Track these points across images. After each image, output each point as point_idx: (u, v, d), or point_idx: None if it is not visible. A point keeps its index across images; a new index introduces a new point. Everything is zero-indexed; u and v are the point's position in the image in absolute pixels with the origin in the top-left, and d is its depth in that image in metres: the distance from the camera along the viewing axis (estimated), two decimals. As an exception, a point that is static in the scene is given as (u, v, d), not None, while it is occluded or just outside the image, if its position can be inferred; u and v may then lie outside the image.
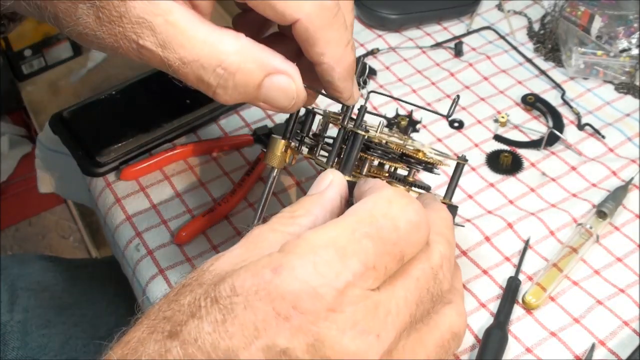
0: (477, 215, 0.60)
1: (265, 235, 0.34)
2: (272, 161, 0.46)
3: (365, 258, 0.31)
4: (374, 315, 0.30)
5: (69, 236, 1.67)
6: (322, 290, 0.29)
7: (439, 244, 0.35)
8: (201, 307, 0.30)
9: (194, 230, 0.58)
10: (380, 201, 0.33)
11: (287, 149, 0.46)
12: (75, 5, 0.36)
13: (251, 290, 0.30)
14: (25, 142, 1.71)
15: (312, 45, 0.37)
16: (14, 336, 0.70)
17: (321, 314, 0.29)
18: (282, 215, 0.35)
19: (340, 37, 0.37)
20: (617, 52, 0.71)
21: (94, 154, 0.63)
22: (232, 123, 0.68)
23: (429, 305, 0.34)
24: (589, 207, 0.60)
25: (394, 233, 0.32)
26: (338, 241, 0.31)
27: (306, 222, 0.35)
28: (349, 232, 0.31)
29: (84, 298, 0.76)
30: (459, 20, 0.81)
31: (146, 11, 0.35)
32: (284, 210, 0.36)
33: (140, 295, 0.57)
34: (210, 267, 0.33)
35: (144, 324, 0.32)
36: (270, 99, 0.38)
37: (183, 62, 0.36)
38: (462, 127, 0.69)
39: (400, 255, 0.32)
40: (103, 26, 0.36)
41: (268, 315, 0.29)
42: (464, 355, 0.51)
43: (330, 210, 0.36)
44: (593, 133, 0.67)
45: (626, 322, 0.53)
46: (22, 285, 0.74)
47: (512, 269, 0.56)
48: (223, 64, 0.36)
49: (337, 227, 0.32)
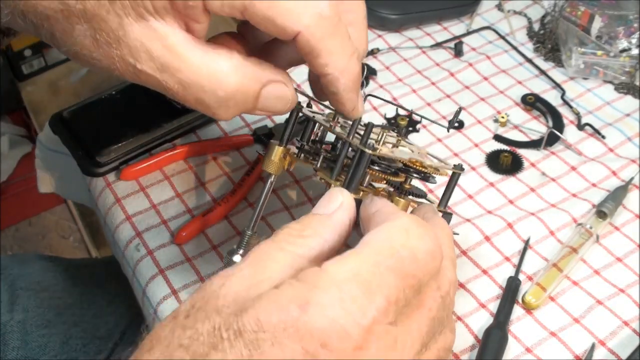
0: (477, 215, 0.60)
1: (274, 254, 0.34)
2: (270, 168, 0.46)
3: (389, 292, 0.31)
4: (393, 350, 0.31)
5: (69, 236, 1.68)
6: (349, 328, 0.30)
7: (447, 269, 0.35)
8: (224, 340, 0.30)
9: (194, 230, 0.58)
10: (397, 231, 0.33)
11: (285, 155, 0.46)
12: (72, 26, 0.36)
13: (279, 327, 0.29)
14: (25, 142, 1.71)
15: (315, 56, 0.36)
16: (14, 336, 0.70)
17: (349, 352, 0.30)
18: (290, 233, 0.35)
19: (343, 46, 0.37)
20: (617, 52, 0.71)
21: (94, 154, 0.63)
22: (232, 123, 0.68)
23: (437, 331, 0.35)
24: (589, 207, 0.60)
25: (414, 264, 0.32)
26: (361, 275, 0.31)
27: (315, 245, 0.34)
28: (371, 265, 0.31)
29: (84, 298, 0.76)
30: (459, 20, 0.81)
31: (144, 36, 0.35)
32: (290, 226, 0.35)
33: (140, 295, 0.57)
34: (222, 288, 0.32)
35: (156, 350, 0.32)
36: (267, 107, 0.39)
37: (182, 85, 0.37)
38: (462, 127, 0.69)
39: (418, 286, 0.33)
40: (100, 48, 0.36)
41: (296, 352, 0.29)
42: (464, 355, 0.51)
43: (339, 233, 0.36)
44: (593, 133, 0.67)
45: (626, 322, 0.53)
46: (22, 285, 0.74)
47: (512, 269, 0.56)
48: (222, 86, 0.37)
49: (358, 259, 0.32)
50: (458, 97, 0.72)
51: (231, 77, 0.37)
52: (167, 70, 0.36)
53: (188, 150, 0.65)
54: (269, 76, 0.38)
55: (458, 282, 0.54)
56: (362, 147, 0.40)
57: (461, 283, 0.55)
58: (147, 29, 0.35)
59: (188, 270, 0.56)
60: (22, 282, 0.74)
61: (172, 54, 0.36)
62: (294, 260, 0.33)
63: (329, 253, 0.35)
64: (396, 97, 0.72)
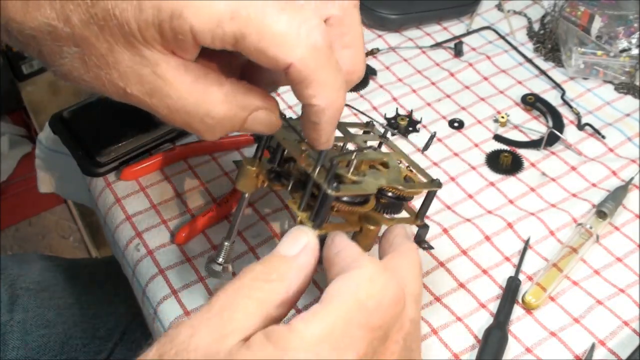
0: (477, 215, 0.60)
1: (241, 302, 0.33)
2: (243, 187, 0.46)
3: (359, 348, 0.31)
4: None
5: (69, 236, 1.68)
6: None
7: (409, 308, 0.36)
8: None
9: (194, 230, 0.58)
10: (362, 282, 0.33)
11: (257, 174, 0.46)
12: (60, 48, 0.36)
13: None
14: (25, 142, 1.71)
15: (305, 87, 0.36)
16: (14, 336, 0.70)
17: None
18: (256, 278, 0.34)
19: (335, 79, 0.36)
20: (617, 52, 0.71)
21: (94, 154, 0.63)
22: (232, 123, 0.68)
23: None
24: (589, 207, 0.60)
25: (380, 315, 0.33)
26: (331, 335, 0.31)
27: (281, 289, 0.34)
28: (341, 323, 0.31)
29: (84, 298, 0.76)
30: (459, 20, 0.81)
31: (134, 62, 0.35)
32: (256, 270, 0.34)
33: (140, 295, 0.57)
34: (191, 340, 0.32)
35: None
36: (252, 129, 0.40)
37: (170, 110, 0.37)
38: (462, 127, 0.69)
39: (385, 336, 0.33)
40: (90, 71, 0.36)
41: None
42: (464, 355, 0.51)
43: (304, 275, 0.36)
44: (593, 133, 0.67)
45: (626, 322, 0.53)
46: (22, 285, 0.74)
47: (512, 269, 0.56)
48: (211, 114, 0.37)
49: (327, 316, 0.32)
50: (458, 97, 0.72)
51: (220, 106, 0.37)
52: (155, 95, 0.36)
53: (188, 150, 0.65)
54: (256, 103, 0.38)
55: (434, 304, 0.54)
56: (325, 187, 0.39)
57: (461, 283, 0.55)
58: (137, 56, 0.35)
59: (188, 270, 0.56)
60: (22, 282, 0.74)
61: (162, 80, 0.36)
62: (261, 307, 0.33)
63: (295, 296, 0.35)
64: (396, 97, 0.72)
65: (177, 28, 0.33)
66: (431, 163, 0.65)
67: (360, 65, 0.41)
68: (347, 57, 0.40)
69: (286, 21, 0.34)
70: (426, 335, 0.52)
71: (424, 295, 0.54)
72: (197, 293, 0.54)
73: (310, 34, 0.34)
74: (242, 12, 0.33)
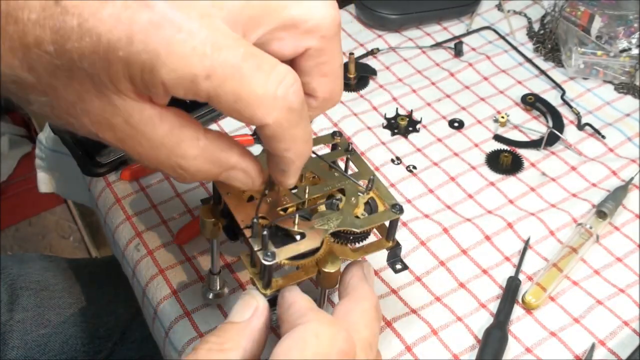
0: (477, 215, 0.60)
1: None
2: (206, 234, 0.46)
3: None
4: None
5: (69, 236, 1.67)
6: None
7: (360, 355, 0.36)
8: None
9: (194, 230, 0.58)
10: (307, 338, 0.34)
11: (216, 223, 0.46)
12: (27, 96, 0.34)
13: None
14: (25, 142, 1.71)
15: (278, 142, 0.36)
16: (14, 335, 0.70)
17: None
18: (210, 349, 0.35)
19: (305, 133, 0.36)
20: (617, 52, 0.71)
21: (94, 154, 0.63)
22: (232, 123, 0.68)
23: None
24: (589, 207, 0.60)
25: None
26: None
27: (236, 356, 0.36)
28: None
29: (84, 298, 0.76)
30: (459, 20, 0.81)
31: (105, 111, 0.34)
32: (210, 341, 0.36)
33: (140, 295, 0.57)
34: None
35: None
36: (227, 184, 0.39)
37: (141, 157, 0.36)
38: (462, 127, 0.69)
39: None
40: (61, 118, 0.35)
41: None
42: (464, 355, 0.51)
43: (257, 340, 0.37)
44: (593, 133, 0.68)
45: (626, 322, 0.53)
46: (22, 284, 0.74)
47: (512, 269, 0.56)
48: (183, 167, 0.36)
49: None
50: (458, 97, 0.72)
51: (193, 161, 0.36)
52: (127, 143, 0.35)
53: (188, 150, 0.64)
54: (232, 162, 0.38)
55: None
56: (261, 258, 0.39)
57: (461, 283, 0.55)
58: (108, 106, 0.34)
59: (188, 270, 0.56)
60: (22, 281, 0.74)
61: (134, 130, 0.35)
62: None
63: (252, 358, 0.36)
64: (396, 97, 0.72)
65: (149, 82, 0.32)
66: (431, 163, 0.65)
67: (337, 94, 0.40)
68: (325, 84, 0.39)
69: (262, 83, 0.32)
70: (426, 335, 0.52)
71: (424, 295, 0.55)
72: (198, 292, 0.54)
73: (287, 96, 0.33)
74: (218, 72, 0.31)
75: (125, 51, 0.31)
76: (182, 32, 0.31)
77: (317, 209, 0.43)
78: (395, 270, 0.46)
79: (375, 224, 0.43)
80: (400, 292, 0.55)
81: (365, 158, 0.66)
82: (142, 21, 0.31)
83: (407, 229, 0.59)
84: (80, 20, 0.31)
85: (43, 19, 0.31)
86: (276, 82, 0.33)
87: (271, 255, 0.39)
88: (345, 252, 0.43)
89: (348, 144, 0.47)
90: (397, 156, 0.66)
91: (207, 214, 0.46)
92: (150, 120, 0.34)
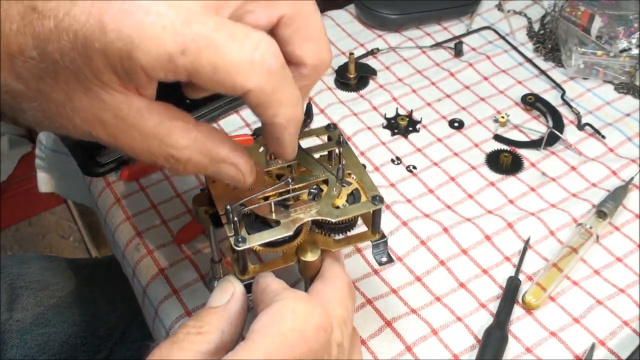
0: (477, 215, 0.60)
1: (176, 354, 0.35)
2: (199, 222, 0.47)
3: None
4: None
5: (69, 236, 1.67)
6: None
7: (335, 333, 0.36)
8: None
9: (194, 230, 0.58)
10: (284, 314, 0.34)
11: (207, 212, 0.46)
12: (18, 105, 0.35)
13: None
14: (25, 142, 1.71)
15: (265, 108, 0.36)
16: (13, 335, 0.70)
17: None
18: (189, 332, 0.36)
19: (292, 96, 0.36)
20: (617, 52, 0.71)
21: (94, 154, 0.63)
22: (232, 123, 0.68)
23: None
24: (589, 207, 0.60)
25: (305, 345, 0.34)
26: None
27: (213, 339, 0.36)
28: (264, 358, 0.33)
29: (84, 298, 0.76)
30: (459, 20, 0.81)
31: (94, 107, 0.34)
32: (189, 324, 0.36)
33: (140, 295, 0.57)
34: None
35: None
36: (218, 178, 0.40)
37: (135, 151, 0.36)
38: (462, 127, 0.69)
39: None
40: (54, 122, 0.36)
41: None
42: (464, 355, 0.51)
43: (234, 323, 0.37)
44: (593, 133, 0.68)
45: (626, 322, 0.53)
46: (21, 284, 0.74)
47: (512, 269, 0.56)
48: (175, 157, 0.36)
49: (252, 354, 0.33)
50: (458, 97, 0.72)
51: (184, 151, 0.37)
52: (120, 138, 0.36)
53: (188, 150, 0.64)
54: (222, 156, 0.38)
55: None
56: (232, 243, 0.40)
57: (461, 283, 0.55)
58: (96, 101, 0.34)
59: (188, 270, 0.56)
60: (21, 281, 0.74)
61: (125, 123, 0.35)
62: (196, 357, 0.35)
63: (229, 343, 0.37)
64: (396, 97, 0.72)
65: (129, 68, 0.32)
66: (431, 163, 0.65)
67: (325, 55, 0.40)
68: (309, 50, 0.39)
69: (238, 49, 0.33)
70: (426, 335, 0.52)
71: (424, 295, 0.55)
72: (199, 292, 0.54)
73: (264, 59, 0.34)
74: (191, 46, 0.32)
75: (101, 42, 0.31)
76: (151, 14, 0.31)
77: (299, 197, 0.44)
78: (379, 262, 0.46)
79: (352, 214, 0.43)
80: (400, 292, 0.55)
81: (365, 158, 0.66)
82: (111, 10, 0.31)
83: (407, 229, 0.59)
84: (56, 21, 0.32)
85: (23, 27, 0.32)
86: (251, 47, 0.33)
87: (242, 241, 0.40)
88: (328, 242, 0.44)
89: (339, 136, 0.47)
90: (397, 156, 0.66)
91: (198, 201, 0.47)
92: (139, 113, 0.35)
